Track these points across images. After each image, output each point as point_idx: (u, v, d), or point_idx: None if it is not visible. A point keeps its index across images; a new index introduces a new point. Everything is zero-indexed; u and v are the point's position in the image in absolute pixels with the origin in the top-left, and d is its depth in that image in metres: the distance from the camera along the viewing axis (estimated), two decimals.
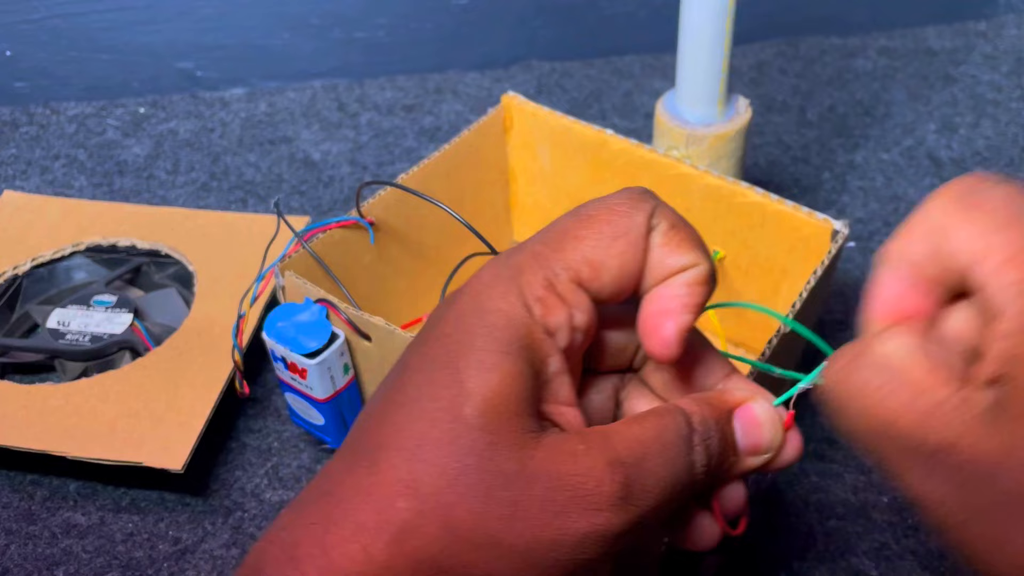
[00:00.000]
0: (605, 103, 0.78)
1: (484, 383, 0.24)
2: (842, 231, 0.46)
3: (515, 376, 0.25)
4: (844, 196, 0.68)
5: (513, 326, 0.25)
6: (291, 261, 0.46)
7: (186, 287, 0.58)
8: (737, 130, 0.54)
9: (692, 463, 0.26)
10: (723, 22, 0.51)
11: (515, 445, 0.24)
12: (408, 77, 0.82)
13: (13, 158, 0.73)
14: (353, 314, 0.44)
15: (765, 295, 0.51)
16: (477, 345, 0.25)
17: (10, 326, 0.57)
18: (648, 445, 0.25)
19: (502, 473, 0.24)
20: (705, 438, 0.26)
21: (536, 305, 0.26)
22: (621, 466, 0.24)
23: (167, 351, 0.52)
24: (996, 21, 0.87)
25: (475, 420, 0.24)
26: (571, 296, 0.27)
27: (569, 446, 0.25)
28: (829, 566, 0.46)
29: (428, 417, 0.24)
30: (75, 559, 0.46)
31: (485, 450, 0.24)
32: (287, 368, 0.45)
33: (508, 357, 0.25)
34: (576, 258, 0.27)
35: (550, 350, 0.26)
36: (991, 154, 0.71)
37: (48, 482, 0.50)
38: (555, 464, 0.24)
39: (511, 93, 0.57)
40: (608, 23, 0.83)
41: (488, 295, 0.26)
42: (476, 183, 0.58)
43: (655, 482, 0.25)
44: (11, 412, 0.49)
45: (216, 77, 0.81)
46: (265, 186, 0.70)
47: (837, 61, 0.83)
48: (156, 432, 0.48)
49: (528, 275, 0.26)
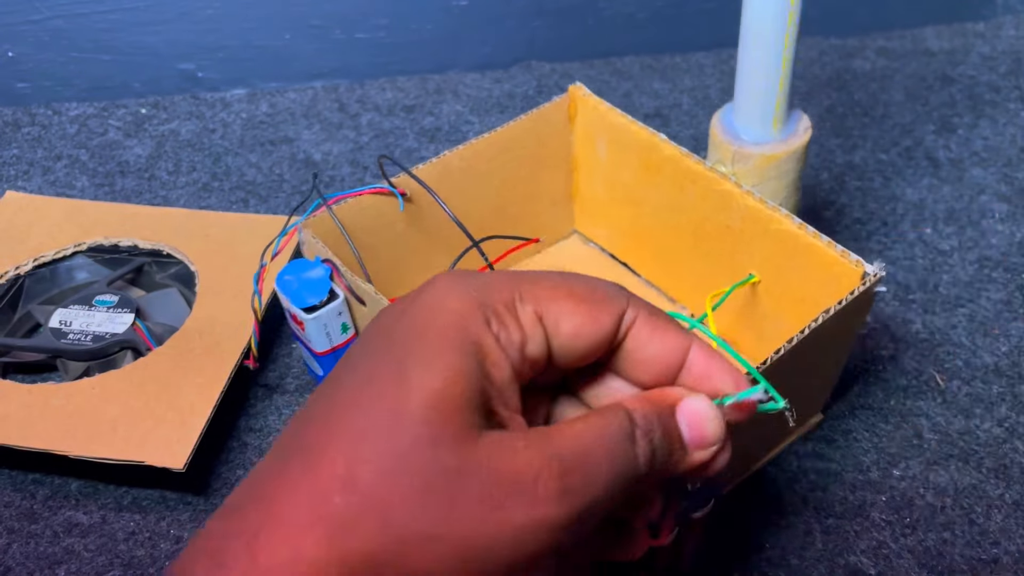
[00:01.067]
0: None
1: (430, 378, 0.24)
2: (872, 275, 0.43)
3: (462, 373, 0.24)
4: (842, 196, 0.68)
5: (465, 327, 0.25)
6: (314, 221, 0.48)
7: (187, 287, 0.59)
8: (789, 152, 0.51)
9: (635, 456, 0.26)
10: (781, 38, 0.48)
11: (456, 440, 0.24)
12: (408, 78, 0.82)
13: (15, 158, 0.74)
14: (350, 278, 0.46)
15: (795, 325, 0.45)
16: (427, 341, 0.25)
17: (12, 326, 0.58)
18: (589, 440, 0.25)
19: (442, 467, 0.23)
20: (648, 432, 0.26)
21: (493, 318, 0.26)
22: (560, 460, 0.24)
23: (168, 351, 0.53)
24: (994, 22, 0.87)
25: (418, 414, 0.24)
26: (530, 326, 0.26)
27: (509, 442, 0.24)
28: (827, 564, 0.46)
29: (369, 412, 0.24)
30: (77, 558, 0.47)
31: (426, 445, 0.23)
32: (291, 319, 0.48)
33: (456, 354, 0.24)
34: (545, 296, 0.27)
35: (501, 359, 0.26)
36: (989, 154, 0.72)
37: (50, 481, 0.50)
38: (495, 459, 0.24)
39: (578, 83, 0.57)
40: (608, 24, 0.83)
41: (445, 297, 0.26)
42: (532, 168, 0.58)
43: (597, 475, 0.25)
44: (13, 411, 0.49)
45: (217, 78, 0.81)
46: (266, 186, 0.70)
47: (836, 61, 0.83)
48: (158, 431, 0.48)
49: (494, 291, 0.26)
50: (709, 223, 0.52)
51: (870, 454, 0.51)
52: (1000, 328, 0.58)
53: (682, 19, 0.82)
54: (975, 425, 0.52)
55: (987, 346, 0.57)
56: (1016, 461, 0.50)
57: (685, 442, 0.28)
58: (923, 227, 0.65)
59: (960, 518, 0.48)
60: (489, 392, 0.25)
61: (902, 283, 0.61)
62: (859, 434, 0.52)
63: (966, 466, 0.50)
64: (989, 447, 0.51)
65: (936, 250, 0.64)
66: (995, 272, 0.62)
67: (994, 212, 0.66)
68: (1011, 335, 0.57)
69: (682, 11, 0.82)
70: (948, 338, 0.57)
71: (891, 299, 0.60)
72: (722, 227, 0.51)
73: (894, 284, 0.61)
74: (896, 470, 0.50)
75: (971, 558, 0.46)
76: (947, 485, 0.49)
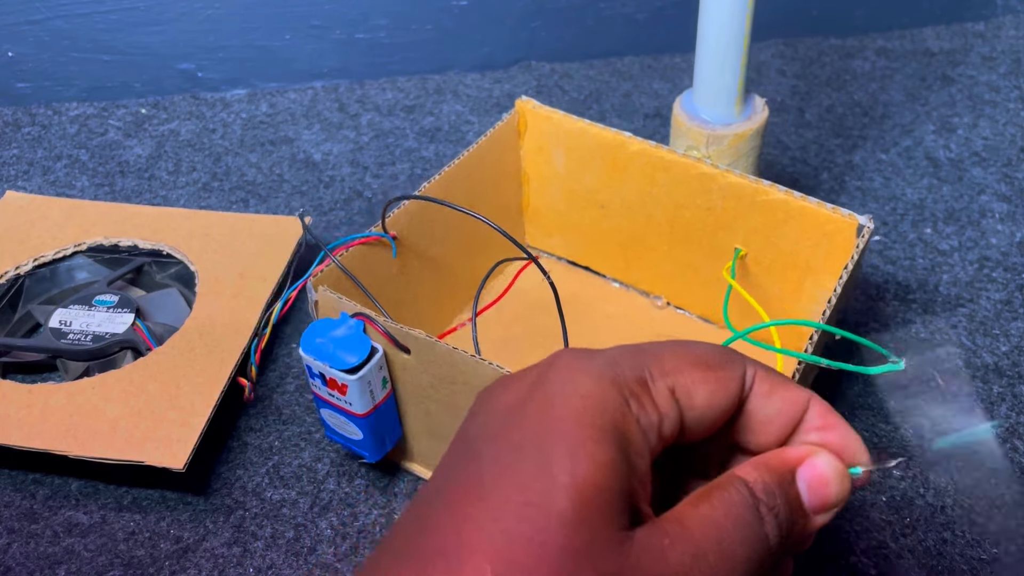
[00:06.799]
0: (604, 104, 0.78)
1: (578, 473, 0.22)
2: (868, 226, 0.46)
3: (610, 466, 0.22)
4: (842, 196, 0.69)
5: (608, 413, 0.23)
6: (321, 276, 0.46)
7: (187, 287, 0.59)
8: (756, 129, 0.55)
9: (765, 535, 0.24)
10: (742, 21, 0.51)
11: (612, 543, 0.22)
12: (408, 78, 0.82)
13: (15, 158, 0.74)
14: (391, 327, 0.43)
15: (789, 292, 0.51)
16: (568, 431, 0.22)
17: (12, 326, 0.58)
18: (721, 525, 0.24)
19: (601, 572, 0.21)
20: (771, 506, 0.25)
21: (632, 400, 0.24)
22: (705, 556, 0.23)
23: (168, 351, 0.53)
24: (994, 22, 0.87)
25: (570, 515, 0.21)
26: (665, 405, 0.25)
27: (657, 541, 0.23)
28: (828, 565, 0.46)
29: (515, 512, 0.22)
30: (77, 558, 0.47)
31: (582, 550, 0.21)
32: (325, 384, 0.44)
33: (602, 445, 0.22)
34: (673, 369, 0.25)
35: (643, 447, 0.24)
36: (989, 154, 0.72)
37: (50, 481, 0.50)
38: (646, 563, 0.22)
39: (524, 98, 0.57)
40: (607, 24, 0.83)
41: (576, 377, 0.24)
42: (491, 188, 0.58)
43: (735, 561, 0.24)
44: (13, 411, 0.49)
45: (217, 78, 0.81)
46: (266, 187, 0.70)
47: (835, 62, 0.83)
48: (158, 431, 0.48)
49: (625, 368, 0.24)
50: (685, 209, 0.54)
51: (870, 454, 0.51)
52: (1000, 328, 0.58)
53: (682, 19, 0.82)
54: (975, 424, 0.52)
55: (987, 346, 0.57)
56: (1016, 461, 0.50)
57: (806, 508, 0.26)
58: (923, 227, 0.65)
59: (960, 518, 0.48)
60: (634, 485, 0.24)
61: (902, 283, 0.61)
62: (859, 434, 0.52)
63: (966, 466, 0.50)
64: (989, 447, 0.51)
65: (936, 250, 0.64)
66: (995, 272, 0.62)
67: (994, 212, 0.66)
68: (1011, 335, 0.57)
69: (682, 11, 0.82)
70: (948, 338, 0.57)
71: (891, 299, 0.60)
72: (702, 210, 0.53)
73: (894, 284, 0.61)
74: (896, 470, 0.50)
75: (971, 558, 0.46)
76: (947, 485, 0.49)
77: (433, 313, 0.56)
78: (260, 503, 0.49)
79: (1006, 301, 0.60)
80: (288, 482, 0.50)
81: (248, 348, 0.52)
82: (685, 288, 0.57)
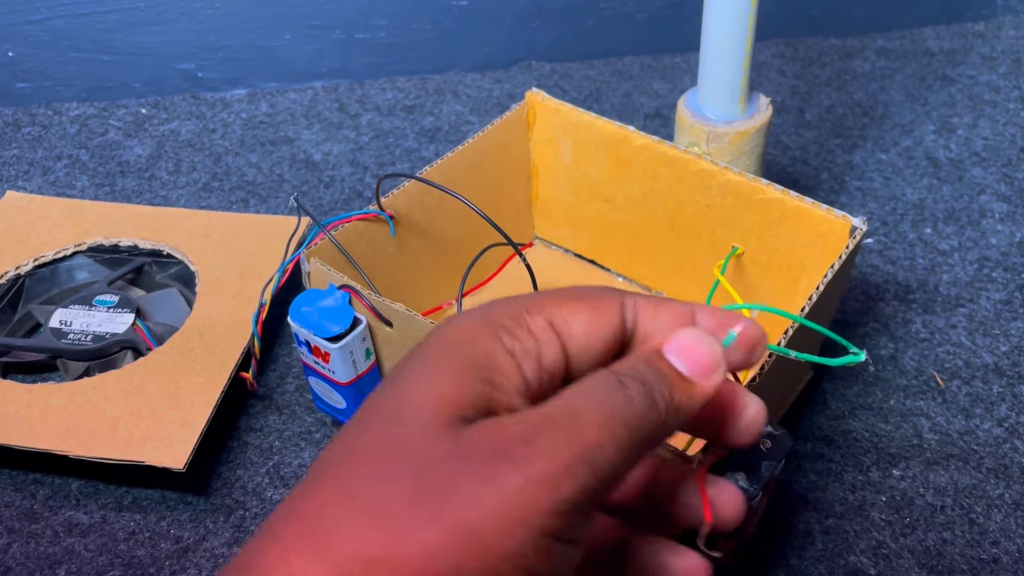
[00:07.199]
0: (604, 104, 0.78)
1: (426, 388, 0.25)
2: (860, 227, 0.47)
3: (460, 382, 0.25)
4: (842, 196, 0.69)
5: (474, 344, 0.25)
6: (315, 249, 0.48)
7: (188, 287, 0.59)
8: (758, 127, 0.54)
9: (629, 398, 0.25)
10: (746, 20, 0.51)
11: (448, 427, 0.24)
12: (408, 78, 0.82)
13: (15, 159, 0.74)
14: (375, 300, 0.45)
15: (783, 290, 0.52)
16: (429, 362, 0.25)
17: (12, 326, 0.58)
18: (570, 397, 0.25)
19: (433, 457, 0.23)
20: (634, 374, 0.26)
21: (504, 333, 0.26)
22: (548, 418, 0.24)
23: (169, 350, 0.53)
24: (994, 22, 0.87)
25: (408, 416, 0.24)
26: (542, 334, 0.27)
27: (498, 421, 0.24)
28: (827, 564, 0.46)
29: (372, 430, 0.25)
30: (77, 558, 0.47)
31: (418, 439, 0.24)
32: (311, 352, 0.47)
33: (457, 367, 0.25)
34: (550, 305, 0.27)
35: (511, 368, 0.26)
36: (989, 154, 0.72)
37: (50, 481, 0.50)
38: (486, 437, 0.24)
39: (535, 90, 0.57)
40: (607, 24, 0.83)
41: (453, 325, 0.26)
42: (498, 178, 0.59)
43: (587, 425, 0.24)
44: (13, 411, 0.49)
45: (217, 78, 0.81)
46: (266, 186, 0.70)
47: (835, 62, 0.83)
48: (158, 431, 0.48)
49: (498, 311, 0.27)
50: (686, 205, 0.54)
51: (870, 454, 0.51)
52: (1000, 328, 0.58)
53: (682, 19, 0.82)
54: (975, 425, 0.52)
55: (987, 346, 0.57)
56: (1016, 461, 0.50)
57: (685, 375, 0.27)
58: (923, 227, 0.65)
59: (960, 518, 0.48)
60: (495, 398, 0.25)
61: (902, 283, 0.61)
62: (859, 434, 0.52)
63: (966, 466, 0.50)
64: (989, 447, 0.51)
65: (936, 250, 0.64)
66: (995, 272, 0.62)
67: (994, 212, 0.66)
68: (1011, 335, 0.58)
69: (682, 11, 0.82)
70: (948, 338, 0.57)
71: (891, 299, 0.60)
72: (701, 207, 0.53)
73: (894, 284, 0.61)
74: (896, 470, 0.50)
75: (971, 558, 0.46)
76: (947, 485, 0.49)
77: (429, 293, 0.56)
78: (260, 503, 0.49)
79: (1006, 301, 0.60)
80: (288, 482, 0.50)
81: (248, 348, 0.52)
82: (685, 284, 0.58)
